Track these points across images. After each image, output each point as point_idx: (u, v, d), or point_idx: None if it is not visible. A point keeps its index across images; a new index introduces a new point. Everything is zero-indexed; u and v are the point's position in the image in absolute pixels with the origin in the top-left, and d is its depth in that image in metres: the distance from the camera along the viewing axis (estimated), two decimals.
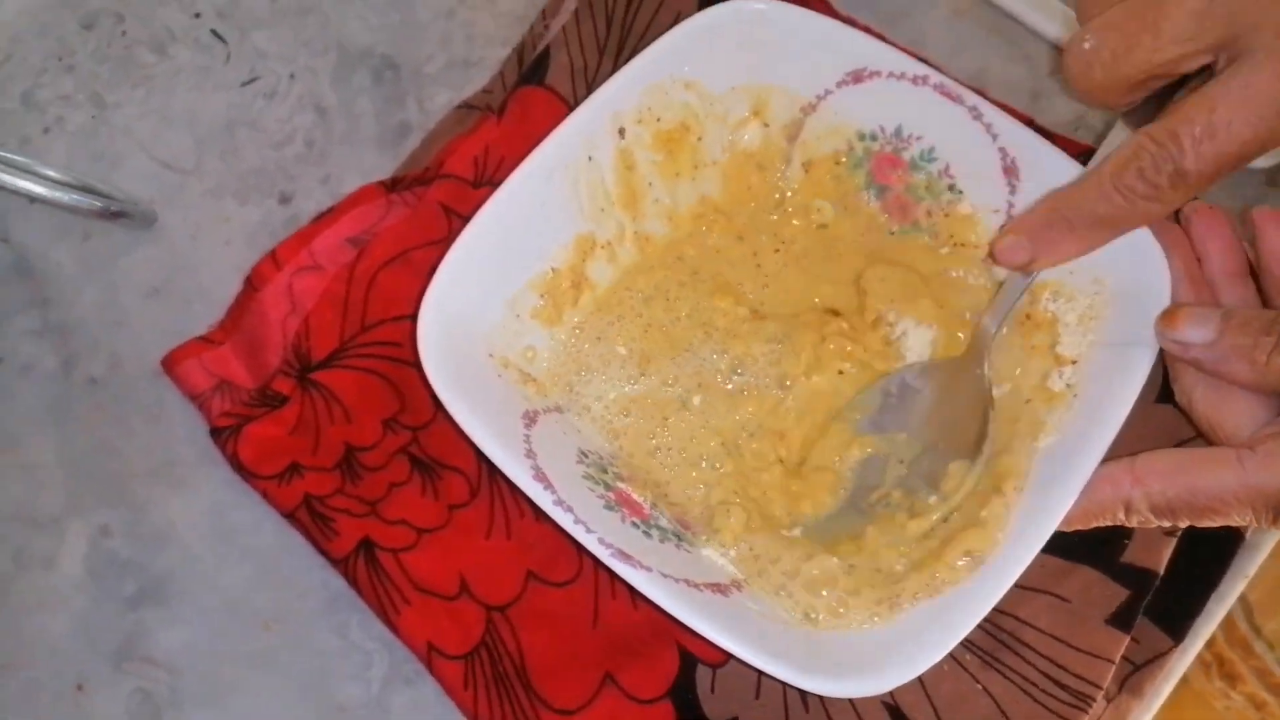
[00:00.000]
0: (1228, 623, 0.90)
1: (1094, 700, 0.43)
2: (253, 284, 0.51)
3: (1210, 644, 0.90)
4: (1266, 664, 0.87)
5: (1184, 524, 0.38)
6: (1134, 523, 0.38)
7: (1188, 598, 0.46)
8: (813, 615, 0.40)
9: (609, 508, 0.40)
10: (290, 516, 0.49)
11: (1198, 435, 0.41)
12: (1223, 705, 0.90)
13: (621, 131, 0.45)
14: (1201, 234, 0.41)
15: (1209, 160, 0.35)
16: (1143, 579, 0.45)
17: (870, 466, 0.45)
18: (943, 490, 0.42)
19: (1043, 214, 0.40)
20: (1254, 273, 0.42)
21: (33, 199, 0.49)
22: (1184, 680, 0.90)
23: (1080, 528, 0.39)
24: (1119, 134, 0.40)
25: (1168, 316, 0.39)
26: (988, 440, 0.42)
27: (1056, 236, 0.40)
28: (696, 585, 0.38)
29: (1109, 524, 0.38)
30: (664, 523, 0.42)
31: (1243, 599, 0.92)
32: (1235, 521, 0.37)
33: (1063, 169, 0.43)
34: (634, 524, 0.40)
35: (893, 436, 0.45)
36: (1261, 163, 0.54)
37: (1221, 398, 0.39)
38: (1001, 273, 0.45)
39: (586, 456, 0.42)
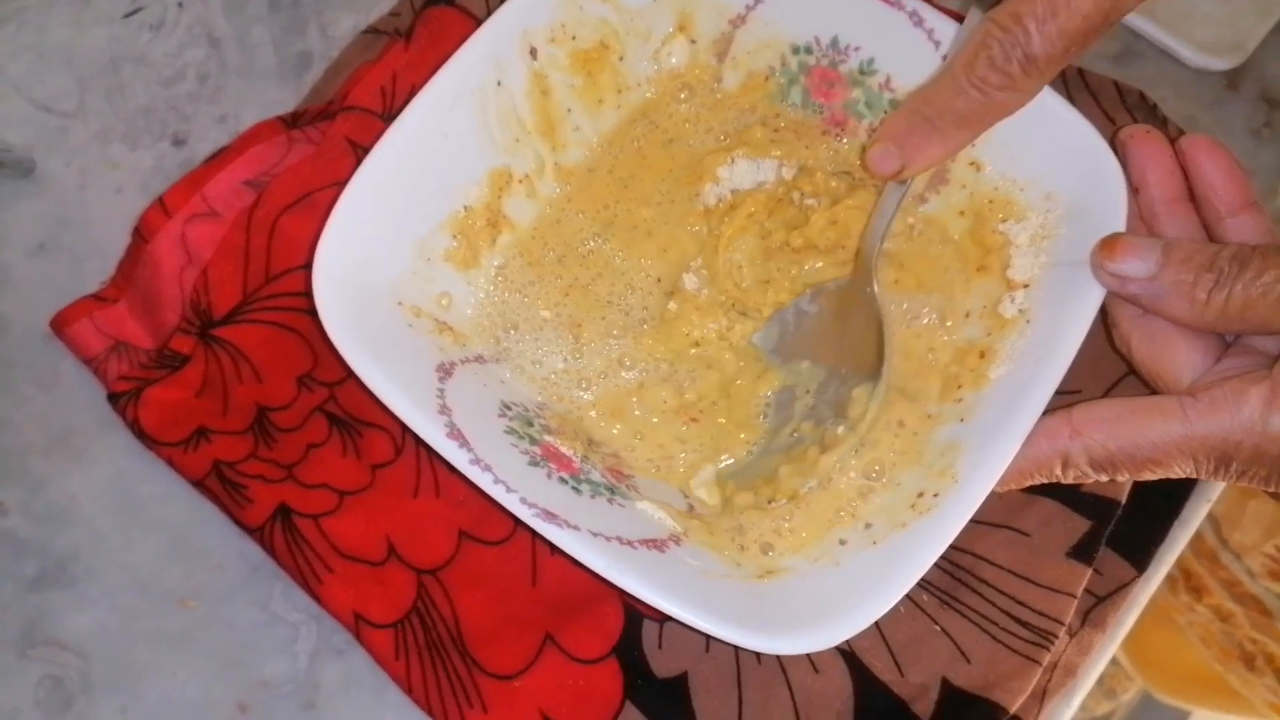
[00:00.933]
0: (1194, 535, 0.91)
1: (1055, 637, 0.42)
2: (141, 234, 0.47)
3: (1176, 559, 0.91)
4: (1234, 574, 0.88)
5: (1122, 477, 0.35)
6: (1069, 478, 0.36)
7: (1151, 526, 0.44)
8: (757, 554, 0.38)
9: (534, 463, 0.37)
10: (199, 485, 0.45)
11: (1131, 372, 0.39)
12: (1186, 620, 0.90)
13: (533, 52, 0.41)
14: (1138, 159, 0.38)
15: (1055, 40, 0.33)
16: (1105, 509, 0.43)
17: (782, 401, 0.42)
18: (849, 418, 0.40)
19: (905, 117, 0.38)
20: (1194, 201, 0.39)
21: None
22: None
23: (1014, 487, 0.36)
24: (974, 19, 0.37)
25: (1107, 245, 0.36)
26: (885, 362, 0.40)
27: (920, 140, 0.37)
28: (630, 543, 0.36)
29: (1043, 481, 0.36)
30: (595, 476, 0.39)
31: (1208, 513, 0.92)
32: (1176, 473, 0.34)
33: None
34: (562, 479, 0.37)
35: (796, 366, 0.42)
36: (1220, 65, 0.51)
37: (1160, 343, 0.36)
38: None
39: (510, 409, 0.39)
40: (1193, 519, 0.45)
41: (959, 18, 0.42)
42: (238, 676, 0.45)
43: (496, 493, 0.34)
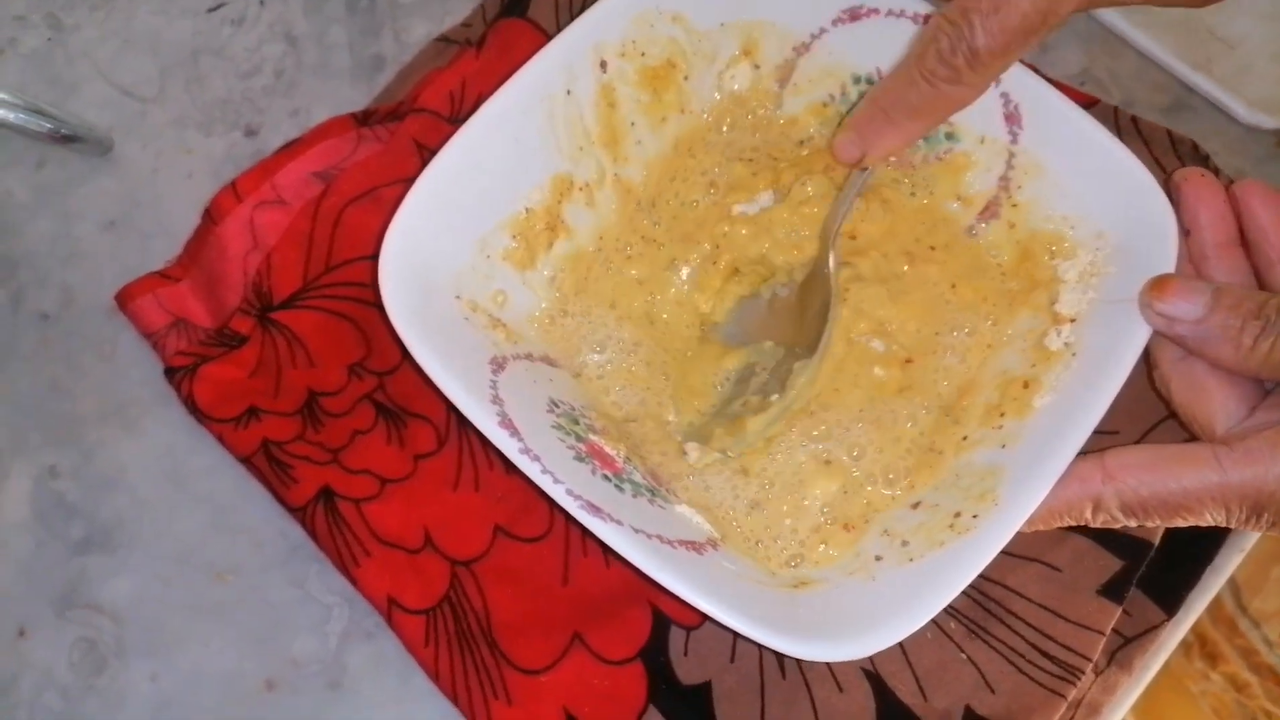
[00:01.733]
0: (1212, 602, 0.89)
1: (1082, 673, 0.42)
2: (211, 216, 0.48)
3: (1192, 624, 0.89)
4: (1251, 642, 0.87)
5: (1152, 523, 0.35)
6: (1099, 522, 0.36)
7: (1182, 570, 0.44)
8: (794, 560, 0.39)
9: (579, 459, 0.38)
10: (247, 462, 0.46)
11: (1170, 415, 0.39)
12: (1199, 688, 0.89)
13: (603, 65, 0.43)
14: (1191, 202, 0.38)
15: (997, 35, 0.35)
16: (1137, 549, 0.43)
17: (742, 376, 0.44)
18: (785, 388, 0.42)
19: (865, 108, 0.41)
20: (1246, 246, 0.39)
21: None
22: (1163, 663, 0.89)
23: (1042, 527, 0.36)
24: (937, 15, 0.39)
25: (1157, 286, 0.37)
26: (824, 335, 0.42)
27: (878, 129, 0.40)
28: (670, 542, 0.36)
29: (1072, 524, 0.36)
30: (637, 478, 0.39)
31: (1229, 579, 0.91)
32: (1208, 521, 0.34)
33: (1068, 116, 0.41)
34: (605, 477, 0.38)
35: (759, 345, 0.44)
36: (1271, 123, 0.52)
37: (1199, 389, 0.37)
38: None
39: (557, 406, 0.40)
40: (1225, 567, 0.45)
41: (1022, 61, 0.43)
42: (268, 652, 0.45)
43: (544, 483, 0.35)
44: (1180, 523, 0.35)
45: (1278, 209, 0.37)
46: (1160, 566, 0.44)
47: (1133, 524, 0.36)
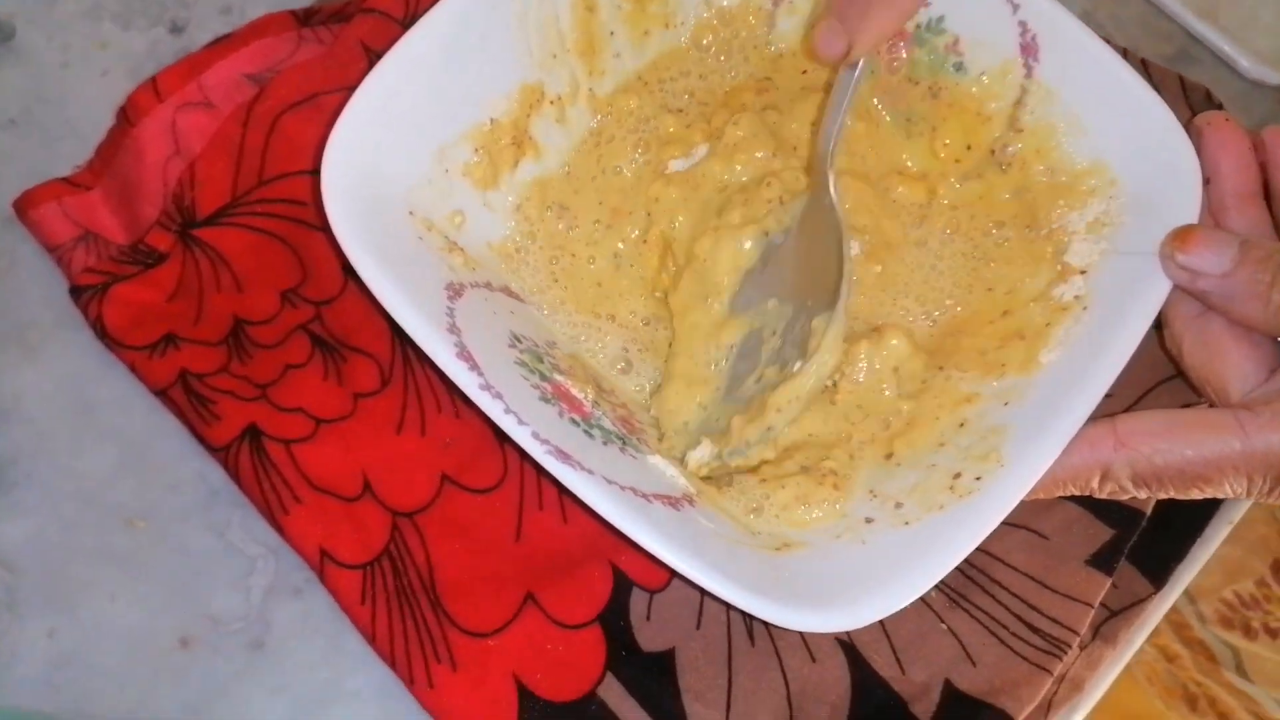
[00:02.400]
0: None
1: (1069, 647, 0.39)
2: (127, 116, 0.43)
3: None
4: (1185, 617, 0.87)
5: (1165, 495, 0.33)
6: (1105, 492, 0.33)
7: (1173, 541, 0.42)
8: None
9: (544, 400, 0.34)
10: (163, 395, 0.41)
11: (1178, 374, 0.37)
12: (1133, 657, 0.90)
13: None
14: (1213, 148, 0.36)
15: None
16: (1129, 519, 0.41)
17: (748, 348, 0.39)
18: (808, 351, 0.36)
19: None
20: (1269, 197, 0.37)
21: None
22: None
23: (1044, 496, 0.34)
24: None
25: (1180, 236, 0.34)
26: (844, 280, 0.36)
27: (863, 8, 0.34)
28: (645, 495, 0.33)
29: (1076, 492, 0.34)
30: (607, 424, 0.36)
31: None
32: (1226, 492, 0.32)
33: (1090, 49, 0.38)
34: (573, 420, 0.34)
35: (762, 307, 0.39)
36: (1277, 78, 0.49)
37: (1214, 350, 0.34)
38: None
39: (520, 341, 0.36)
40: (1214, 538, 0.43)
41: None
42: (183, 606, 0.41)
43: (507, 424, 0.31)
44: (1196, 494, 0.33)
45: None
46: (1149, 538, 0.41)
47: (1143, 495, 0.33)
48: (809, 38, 0.37)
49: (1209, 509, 0.43)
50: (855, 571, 0.33)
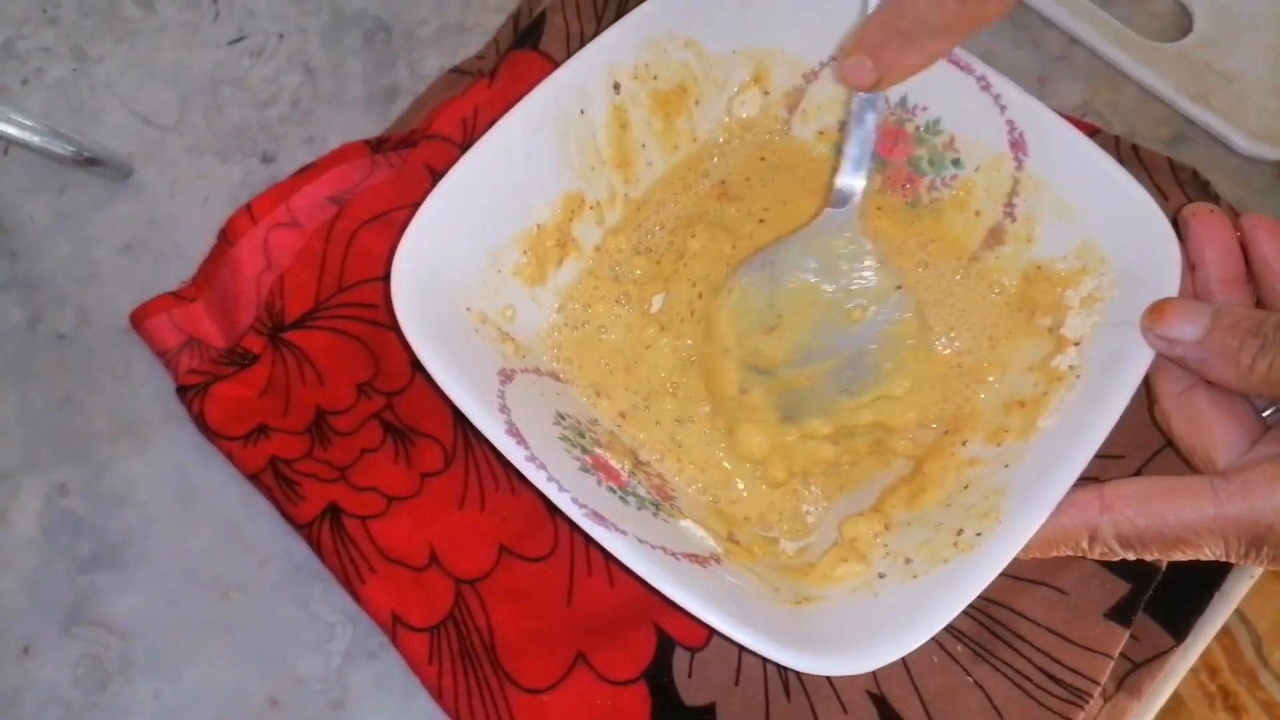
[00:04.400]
0: (1233, 652, 0.88)
1: (1090, 697, 0.41)
2: (227, 237, 0.49)
3: (1214, 674, 0.88)
4: (1273, 695, 0.85)
5: (1150, 556, 0.35)
6: (1096, 554, 0.36)
7: (1190, 595, 0.44)
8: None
9: (585, 470, 0.38)
10: (255, 479, 0.46)
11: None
12: None
13: (616, 87, 0.44)
14: (1198, 237, 0.38)
15: None
16: (1144, 573, 0.43)
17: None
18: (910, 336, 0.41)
19: (877, 29, 0.37)
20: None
21: (3, 142, 0.47)
22: (1185, 710, 0.87)
23: (1039, 555, 0.36)
24: None
25: (1156, 310, 0.37)
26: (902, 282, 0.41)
27: (896, 52, 0.37)
28: (674, 554, 0.36)
29: (1068, 553, 0.36)
30: (641, 491, 0.40)
31: (1250, 628, 0.90)
32: (1206, 554, 0.34)
33: (1072, 143, 0.42)
34: (610, 489, 0.38)
35: (817, 366, 0.43)
36: (1272, 154, 0.52)
37: (1198, 423, 0.36)
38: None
39: (564, 419, 0.40)
40: (1234, 593, 0.44)
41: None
42: (271, 670, 0.45)
43: (550, 490, 0.35)
44: (1179, 556, 0.35)
45: None
46: (1168, 591, 0.43)
47: (1130, 556, 0.35)
48: (838, 67, 0.40)
49: (1227, 563, 0.45)
50: (868, 621, 0.35)
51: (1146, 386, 0.38)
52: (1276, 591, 0.84)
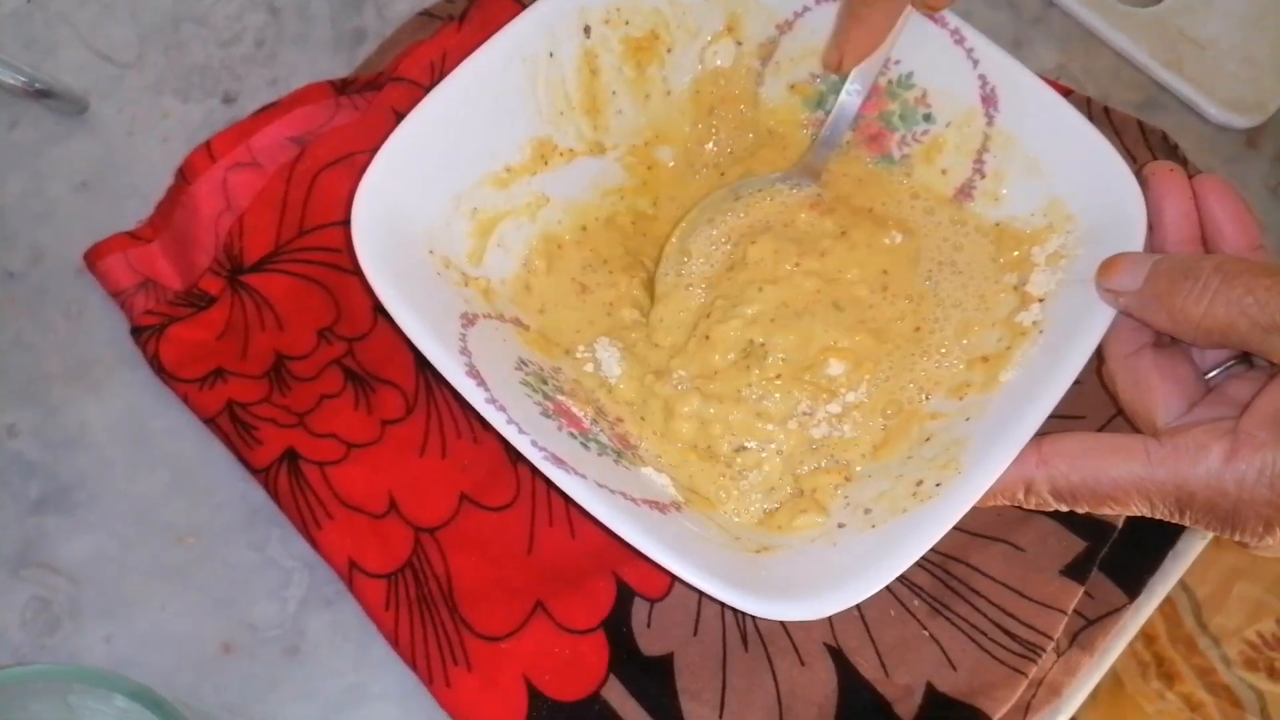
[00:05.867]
0: (1172, 619, 0.90)
1: (1043, 650, 0.42)
2: (184, 176, 0.48)
3: (1150, 643, 0.90)
4: (1210, 661, 0.87)
5: (1080, 509, 0.36)
6: (1031, 504, 0.36)
7: (1144, 553, 0.44)
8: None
9: (546, 415, 0.38)
10: (211, 423, 0.46)
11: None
12: (1155, 708, 0.89)
13: (587, 30, 0.43)
14: (1157, 196, 0.38)
15: None
16: (1101, 531, 0.43)
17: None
18: None
19: (837, 18, 0.43)
20: None
21: None
22: (1117, 682, 0.89)
23: (977, 506, 0.36)
24: None
25: (1106, 264, 0.37)
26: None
27: (846, 28, 0.42)
28: (634, 500, 0.36)
29: (1006, 503, 0.36)
30: (603, 439, 0.39)
31: (1190, 594, 0.91)
32: (1133, 511, 0.35)
33: (1043, 99, 0.42)
34: (571, 434, 0.38)
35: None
36: (1241, 122, 0.52)
37: (1141, 384, 0.37)
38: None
39: (526, 365, 0.40)
40: (1187, 552, 0.45)
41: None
42: (226, 616, 0.45)
43: (509, 433, 0.35)
44: (1108, 511, 0.35)
45: (1233, 205, 0.37)
46: (1123, 549, 0.44)
47: (1063, 508, 0.36)
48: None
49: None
50: (826, 568, 0.36)
51: (1098, 347, 0.38)
52: (1218, 559, 0.85)
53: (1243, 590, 0.86)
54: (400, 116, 0.48)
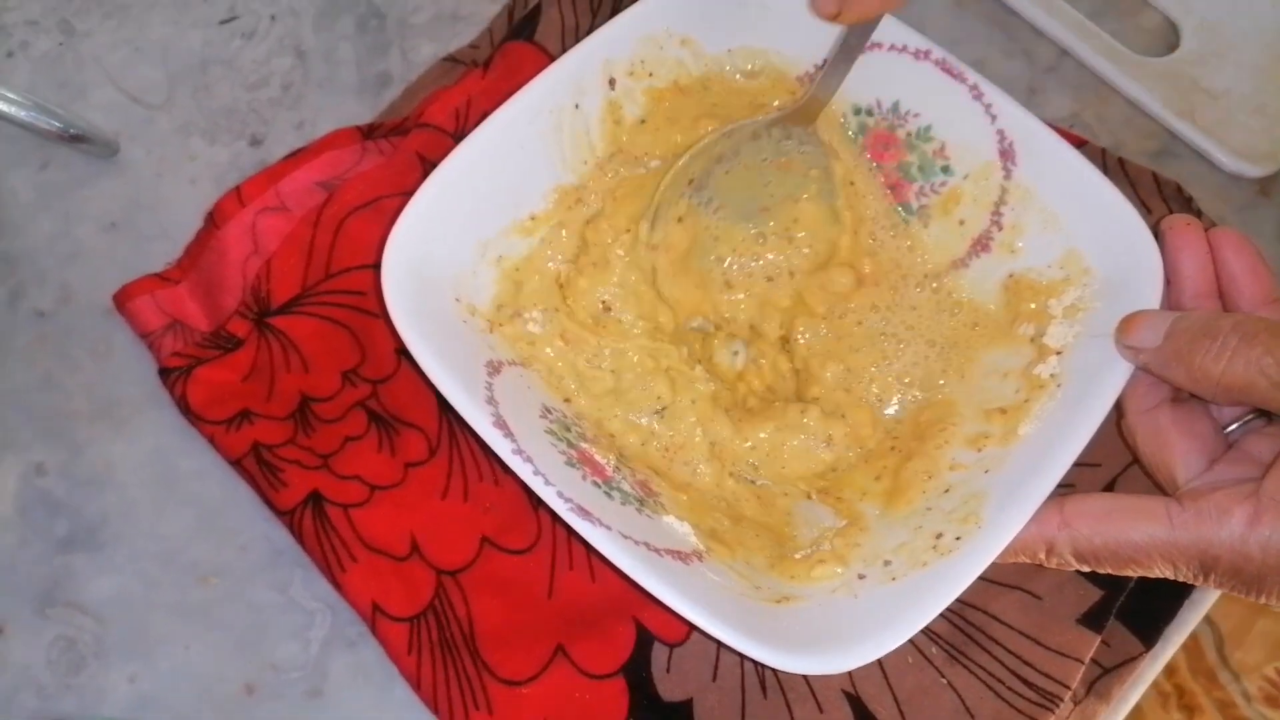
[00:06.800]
0: (1194, 652, 0.90)
1: (1060, 700, 0.42)
2: (214, 220, 0.49)
3: (1171, 674, 0.90)
4: (1230, 695, 0.87)
5: (1103, 571, 0.36)
6: (1053, 564, 0.36)
7: (1161, 602, 0.45)
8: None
9: (570, 464, 0.38)
10: (237, 464, 0.46)
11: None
12: None
13: (612, 82, 0.44)
14: (1174, 250, 0.39)
15: None
16: (1117, 580, 0.43)
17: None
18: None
19: None
20: None
21: None
22: (1137, 711, 0.89)
23: (998, 562, 0.37)
24: None
25: (1125, 322, 0.37)
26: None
27: None
28: (656, 550, 0.37)
29: (1027, 562, 0.37)
30: (626, 487, 0.40)
31: (1214, 629, 0.91)
32: (1156, 574, 0.35)
33: (1061, 155, 0.42)
34: (595, 483, 0.38)
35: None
36: (1254, 171, 0.53)
37: (1161, 440, 0.37)
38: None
39: (550, 413, 0.41)
40: (1203, 601, 0.45)
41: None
42: (249, 657, 0.45)
43: (535, 484, 0.35)
44: (1130, 573, 0.36)
45: (1249, 258, 0.38)
46: (1139, 598, 0.44)
47: (1085, 569, 0.36)
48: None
49: None
50: (847, 621, 0.36)
51: (1118, 400, 0.39)
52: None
53: (1265, 627, 0.86)
54: (425, 162, 0.49)
